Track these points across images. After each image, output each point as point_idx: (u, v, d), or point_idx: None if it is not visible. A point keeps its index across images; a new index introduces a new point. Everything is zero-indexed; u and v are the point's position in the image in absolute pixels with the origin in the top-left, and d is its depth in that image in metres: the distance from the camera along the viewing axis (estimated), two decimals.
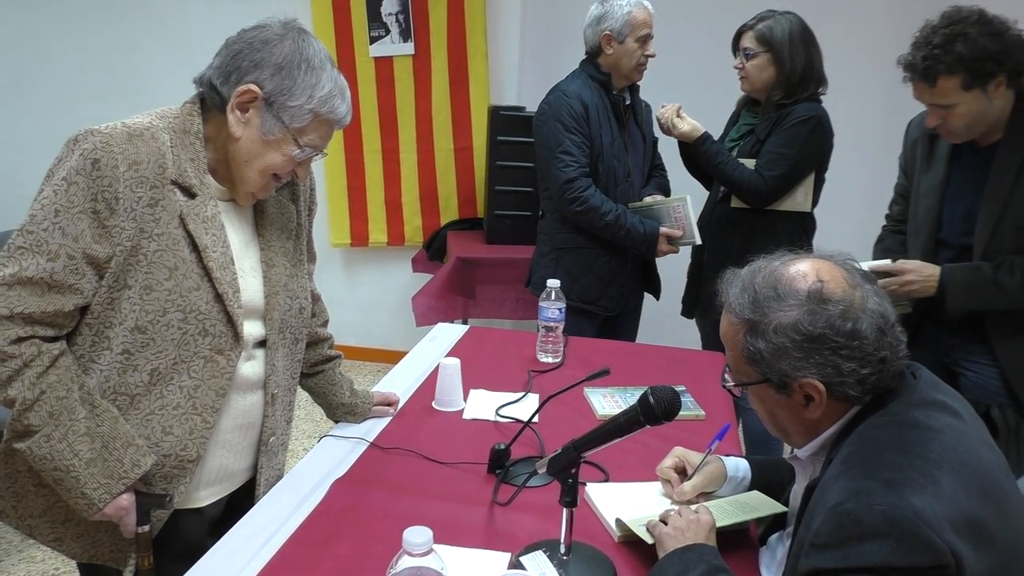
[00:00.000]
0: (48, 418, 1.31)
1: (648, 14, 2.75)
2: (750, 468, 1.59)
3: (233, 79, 1.39)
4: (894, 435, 1.13)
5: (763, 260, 1.27)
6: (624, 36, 2.72)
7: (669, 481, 1.59)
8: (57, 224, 1.29)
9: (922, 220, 2.19)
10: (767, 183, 2.68)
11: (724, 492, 1.58)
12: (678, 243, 2.81)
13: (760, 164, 2.70)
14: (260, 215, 1.56)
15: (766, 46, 2.67)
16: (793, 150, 2.67)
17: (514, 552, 1.39)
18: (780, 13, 2.70)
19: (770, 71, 2.69)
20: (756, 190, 2.69)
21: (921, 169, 2.22)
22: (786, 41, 2.65)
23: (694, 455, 1.60)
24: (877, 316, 1.17)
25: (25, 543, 2.84)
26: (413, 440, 1.80)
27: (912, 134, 2.29)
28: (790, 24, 2.67)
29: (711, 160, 2.76)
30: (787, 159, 2.67)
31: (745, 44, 2.72)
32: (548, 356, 2.33)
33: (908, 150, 2.31)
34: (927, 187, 2.19)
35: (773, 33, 2.66)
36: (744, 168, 2.71)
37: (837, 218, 3.04)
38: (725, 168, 2.74)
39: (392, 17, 4.16)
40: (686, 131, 2.79)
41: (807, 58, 2.67)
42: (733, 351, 1.27)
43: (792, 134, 2.67)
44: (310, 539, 1.42)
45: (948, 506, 1.02)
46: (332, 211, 4.44)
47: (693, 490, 1.55)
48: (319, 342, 1.82)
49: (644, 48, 2.75)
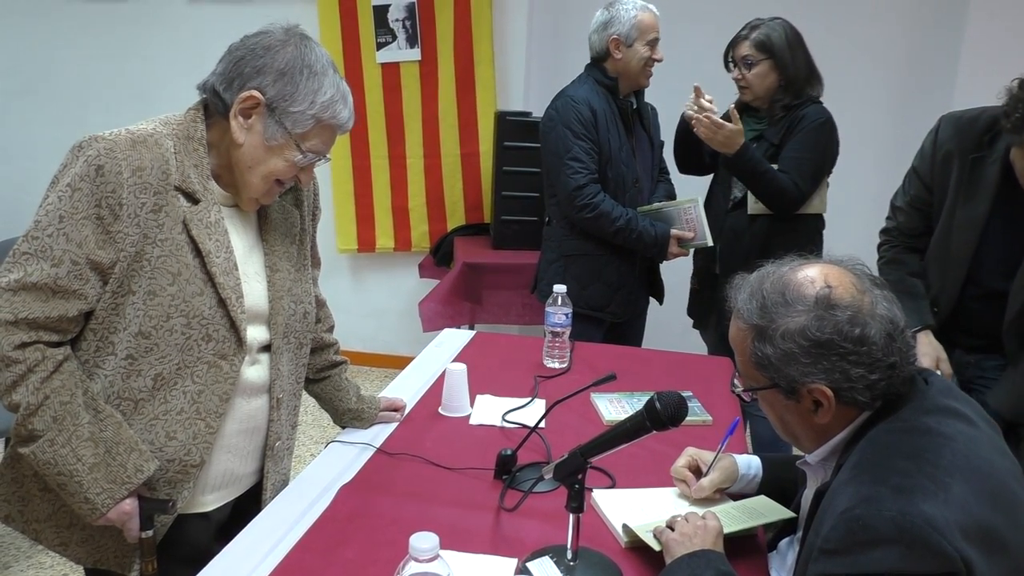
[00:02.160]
0: (52, 423, 1.31)
1: (655, 18, 2.75)
2: (761, 466, 1.58)
3: (236, 85, 1.39)
4: (905, 441, 1.12)
5: (772, 265, 1.27)
6: (632, 40, 2.72)
7: (685, 481, 1.59)
8: (61, 230, 1.29)
9: (956, 252, 2.05)
10: (801, 189, 2.66)
11: (735, 489, 1.57)
12: (688, 245, 2.80)
13: (789, 171, 2.66)
14: (264, 220, 1.56)
15: (766, 53, 2.66)
16: (816, 154, 2.67)
17: (521, 558, 1.38)
18: (769, 20, 2.70)
19: (772, 77, 2.68)
20: (794, 198, 2.67)
21: (958, 193, 2.05)
22: (785, 46, 2.65)
23: (707, 454, 1.60)
24: (886, 322, 1.16)
25: (34, 549, 2.84)
26: (420, 446, 1.80)
27: (944, 145, 2.09)
28: (784, 29, 2.67)
29: (757, 168, 2.64)
30: (813, 163, 2.67)
31: (743, 54, 2.70)
32: (555, 361, 2.32)
33: (938, 164, 2.10)
34: (966, 218, 2.03)
35: (771, 40, 2.66)
36: (783, 176, 2.65)
37: (844, 221, 3.03)
38: (769, 177, 2.64)
39: (399, 23, 4.17)
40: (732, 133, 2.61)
41: (805, 58, 2.68)
42: (742, 356, 1.26)
43: (812, 138, 2.66)
44: (317, 545, 1.41)
45: (959, 513, 1.01)
46: (339, 217, 4.44)
47: (711, 486, 1.54)
48: (325, 347, 1.82)
49: (652, 52, 2.75)
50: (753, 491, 1.58)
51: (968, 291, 2.06)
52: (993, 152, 1.98)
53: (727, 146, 2.64)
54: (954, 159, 2.06)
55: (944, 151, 2.09)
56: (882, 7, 3.95)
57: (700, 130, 2.65)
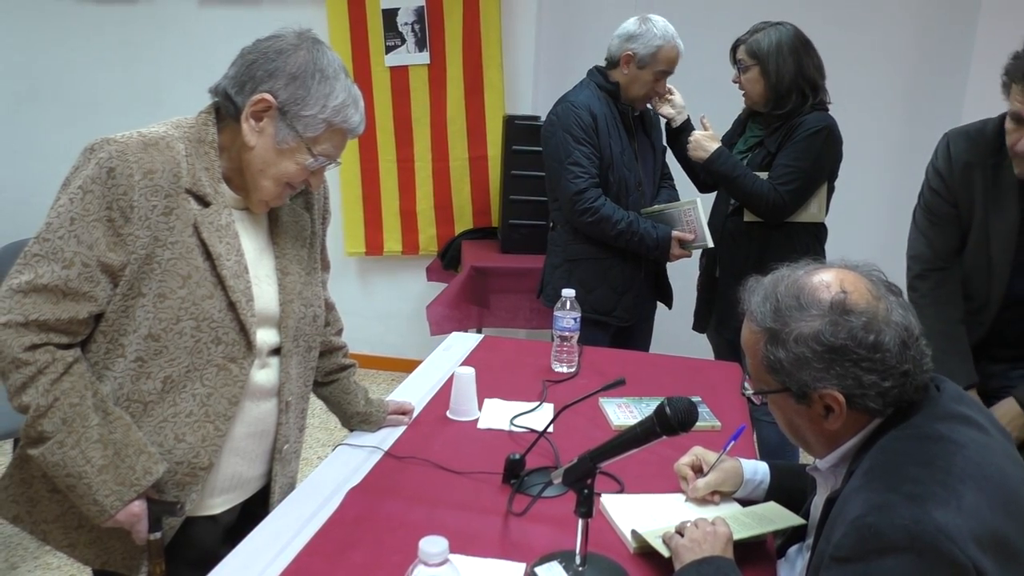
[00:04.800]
0: (61, 425, 1.32)
1: (677, 55, 2.73)
2: (770, 473, 1.57)
3: (248, 88, 1.40)
4: (917, 448, 1.11)
5: (786, 269, 1.26)
6: (644, 65, 2.71)
7: (685, 478, 1.59)
8: (72, 232, 1.30)
9: (997, 259, 2.00)
10: (783, 198, 2.65)
11: (741, 495, 1.56)
12: (690, 247, 2.80)
13: (775, 178, 2.66)
14: (274, 223, 1.57)
15: (754, 59, 2.67)
16: (807, 163, 2.64)
17: (529, 563, 1.37)
18: (773, 24, 2.69)
19: (761, 83, 2.67)
20: (773, 205, 2.66)
21: (987, 201, 2.00)
22: (772, 52, 2.63)
23: (712, 455, 1.60)
24: (901, 329, 1.15)
25: (41, 550, 2.85)
26: (428, 449, 1.80)
27: (961, 157, 2.04)
28: (779, 35, 2.65)
29: (729, 173, 2.71)
30: (802, 172, 2.64)
31: (739, 57, 2.72)
32: (563, 366, 2.32)
33: (958, 177, 2.04)
34: (1001, 224, 1.99)
35: (760, 45, 2.65)
36: (761, 182, 2.67)
37: (852, 227, 3.02)
38: (743, 182, 2.69)
39: (408, 27, 4.18)
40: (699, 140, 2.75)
41: (796, 68, 2.63)
42: (753, 359, 1.26)
43: (805, 146, 2.64)
44: (325, 548, 1.41)
45: (972, 521, 1.00)
46: (347, 220, 4.45)
47: (706, 487, 1.54)
48: (333, 351, 1.82)
49: (658, 84, 2.76)
50: (760, 497, 1.57)
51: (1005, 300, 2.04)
52: (1006, 157, 1.96)
53: (697, 151, 2.77)
54: (975, 169, 2.03)
55: (963, 163, 2.05)
56: (892, 10, 3.95)
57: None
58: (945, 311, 2.09)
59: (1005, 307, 2.04)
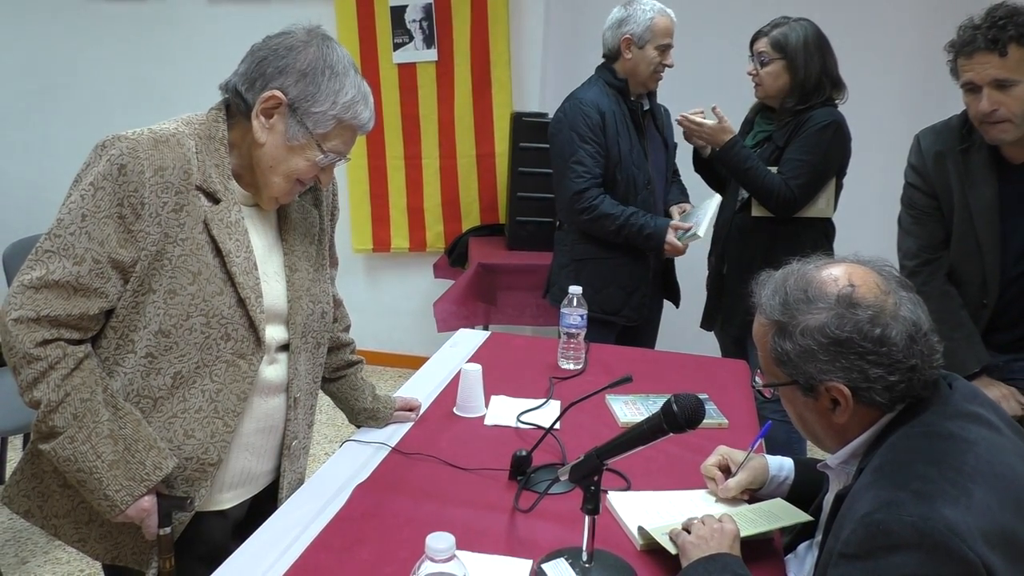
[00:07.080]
0: (72, 420, 1.32)
1: (671, 23, 2.74)
2: (794, 468, 1.57)
3: (258, 85, 1.40)
4: (926, 446, 1.11)
5: (797, 263, 1.26)
6: (644, 42, 2.71)
7: (713, 479, 1.58)
8: (84, 228, 1.30)
9: (983, 236, 2.04)
10: (793, 192, 2.65)
11: (766, 492, 1.56)
12: (685, 237, 2.76)
13: (784, 172, 2.66)
14: (283, 220, 1.57)
15: (780, 53, 2.65)
16: (816, 157, 2.64)
17: (536, 559, 1.38)
18: (795, 20, 2.68)
19: (785, 78, 2.66)
20: (784, 199, 2.66)
21: (963, 183, 2.06)
22: (800, 48, 2.63)
23: (738, 453, 1.59)
24: (909, 324, 1.15)
25: (51, 544, 2.86)
26: (435, 446, 1.80)
27: (930, 148, 2.14)
28: (804, 31, 2.65)
29: (740, 164, 2.69)
30: (811, 166, 2.64)
31: (760, 50, 2.70)
32: (570, 363, 2.32)
33: (932, 167, 2.13)
34: (980, 201, 2.03)
35: (788, 40, 2.64)
36: (773, 175, 2.67)
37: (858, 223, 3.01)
38: (755, 174, 2.67)
39: (416, 24, 4.18)
40: (714, 130, 2.72)
41: (821, 64, 2.64)
42: (763, 352, 1.27)
43: (814, 141, 2.64)
44: (332, 544, 1.42)
45: (981, 519, 1.00)
46: (354, 217, 4.46)
47: (738, 487, 1.53)
48: (341, 347, 1.83)
49: (663, 57, 2.74)
50: (784, 493, 1.56)
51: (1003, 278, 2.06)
52: (974, 141, 2.05)
53: (711, 142, 2.76)
54: (946, 157, 2.11)
55: (933, 153, 2.14)
56: (898, 9, 3.93)
57: (683, 127, 2.79)
58: (945, 300, 2.12)
59: (1005, 286, 2.05)
